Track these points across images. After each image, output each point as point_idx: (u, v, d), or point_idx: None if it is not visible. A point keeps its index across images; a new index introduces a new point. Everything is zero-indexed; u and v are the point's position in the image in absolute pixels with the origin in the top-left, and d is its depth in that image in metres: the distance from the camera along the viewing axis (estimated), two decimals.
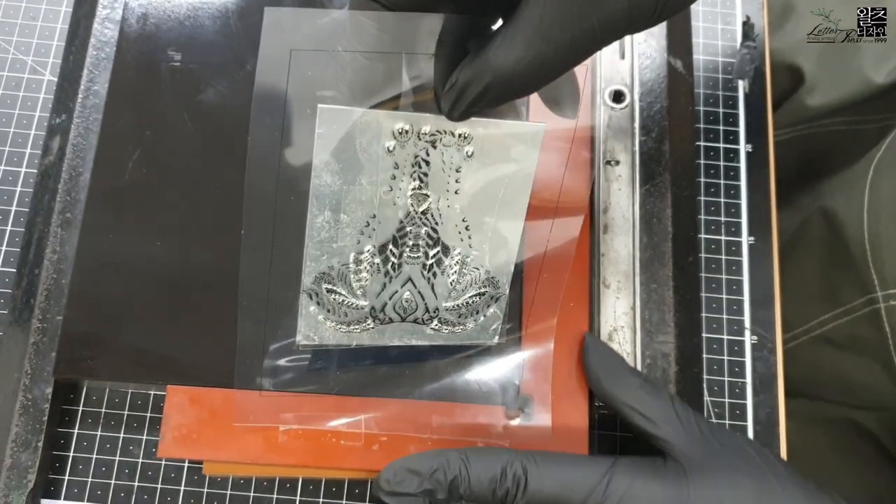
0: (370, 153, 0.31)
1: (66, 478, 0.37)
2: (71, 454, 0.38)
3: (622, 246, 0.39)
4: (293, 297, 0.35)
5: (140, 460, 0.38)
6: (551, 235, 0.38)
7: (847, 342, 0.47)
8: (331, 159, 0.31)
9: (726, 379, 0.40)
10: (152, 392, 0.39)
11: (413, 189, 0.33)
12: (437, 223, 0.34)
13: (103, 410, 0.38)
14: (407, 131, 0.31)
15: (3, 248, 0.41)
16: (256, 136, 0.35)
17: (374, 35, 0.29)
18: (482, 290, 0.35)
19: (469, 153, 0.32)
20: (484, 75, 0.27)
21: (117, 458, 0.38)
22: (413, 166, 0.32)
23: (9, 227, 0.41)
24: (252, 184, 0.35)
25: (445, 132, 0.31)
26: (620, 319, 0.38)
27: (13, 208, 0.41)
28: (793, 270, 0.49)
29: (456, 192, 0.33)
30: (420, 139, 0.31)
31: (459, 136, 0.31)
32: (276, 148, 0.34)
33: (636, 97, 0.42)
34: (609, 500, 0.32)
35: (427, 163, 0.32)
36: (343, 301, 0.34)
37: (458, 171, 0.32)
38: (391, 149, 0.31)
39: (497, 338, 0.36)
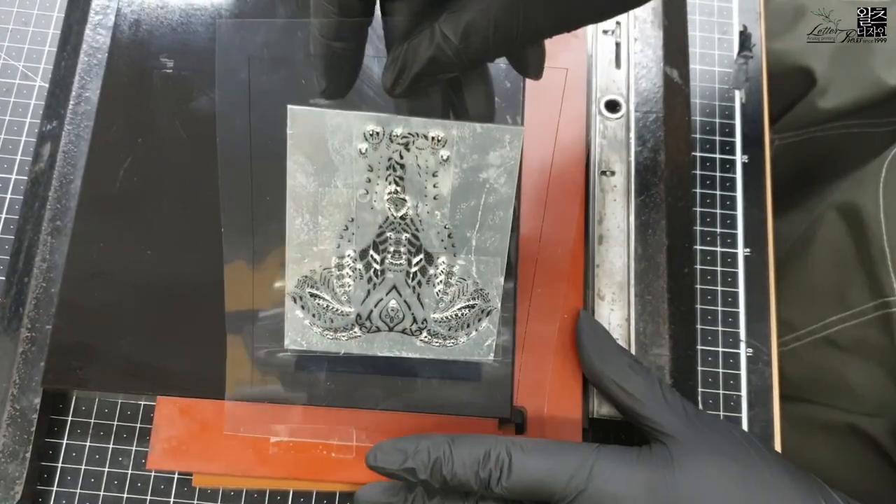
0: (343, 155, 0.32)
1: (55, 489, 0.37)
2: (59, 465, 0.37)
3: (617, 257, 0.39)
4: (279, 303, 0.35)
5: (129, 471, 0.37)
6: (541, 249, 0.38)
7: (852, 345, 0.46)
8: (304, 160, 0.32)
9: (721, 392, 0.39)
10: (142, 402, 0.38)
11: (390, 193, 0.33)
12: (417, 229, 0.33)
13: (92, 421, 0.38)
14: (378, 133, 0.31)
15: None
16: (224, 145, 0.35)
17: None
18: (471, 302, 0.35)
19: (444, 157, 0.32)
20: (428, 48, 0.28)
21: (106, 470, 0.37)
22: (388, 169, 0.32)
23: None
24: (226, 190, 0.35)
25: (418, 135, 0.31)
26: (615, 331, 0.38)
27: (3, 215, 0.41)
28: (798, 272, 0.49)
29: (434, 198, 0.33)
30: (392, 141, 0.31)
31: (432, 139, 0.31)
32: (245, 153, 0.35)
33: (632, 107, 0.41)
34: (592, 482, 0.32)
35: (402, 166, 0.32)
36: (328, 306, 0.34)
37: (434, 175, 0.32)
38: (363, 151, 0.31)
39: (492, 354, 0.36)
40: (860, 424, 0.47)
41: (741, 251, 0.42)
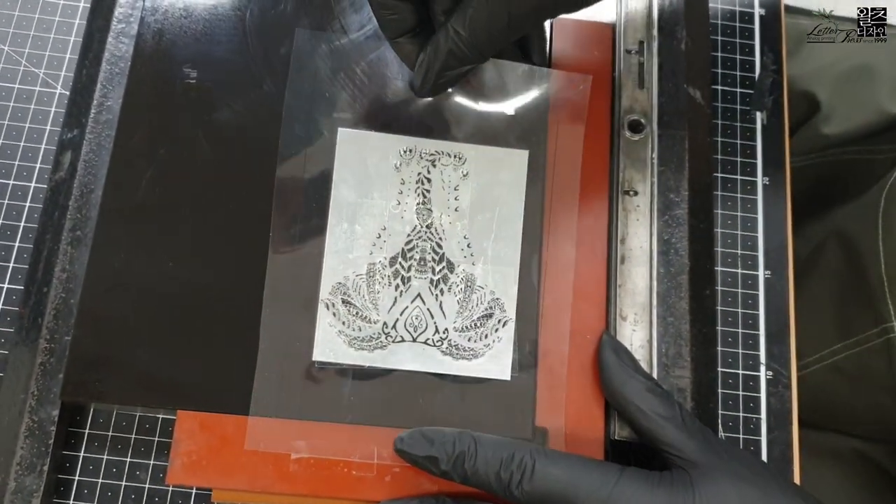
0: (380, 170, 0.38)
1: (71, 502, 0.37)
2: (76, 478, 0.37)
3: (640, 277, 0.39)
4: (311, 320, 0.36)
5: (147, 486, 0.37)
6: (547, 258, 0.38)
7: (858, 372, 0.46)
8: (348, 175, 0.37)
9: (741, 414, 0.40)
10: (160, 416, 0.38)
11: (418, 204, 0.38)
12: (441, 238, 0.37)
13: (110, 434, 0.38)
14: (411, 150, 0.38)
15: (11, 264, 0.40)
16: (285, 146, 0.38)
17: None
18: (489, 311, 0.37)
19: (464, 173, 0.38)
20: (445, 44, 0.33)
21: (123, 483, 0.37)
22: (417, 183, 0.38)
23: (17, 244, 0.40)
24: (280, 192, 0.38)
25: (443, 153, 0.38)
26: (637, 352, 0.38)
27: (22, 224, 0.40)
28: (803, 299, 0.49)
29: (456, 210, 0.38)
30: (422, 158, 0.38)
31: (455, 156, 0.38)
32: (301, 160, 0.38)
33: (654, 127, 0.41)
34: (613, 500, 0.32)
35: (429, 180, 0.38)
36: (357, 313, 0.36)
37: (456, 189, 0.38)
38: (398, 166, 0.38)
39: (510, 371, 0.36)
40: (867, 450, 0.47)
41: (761, 273, 0.42)
